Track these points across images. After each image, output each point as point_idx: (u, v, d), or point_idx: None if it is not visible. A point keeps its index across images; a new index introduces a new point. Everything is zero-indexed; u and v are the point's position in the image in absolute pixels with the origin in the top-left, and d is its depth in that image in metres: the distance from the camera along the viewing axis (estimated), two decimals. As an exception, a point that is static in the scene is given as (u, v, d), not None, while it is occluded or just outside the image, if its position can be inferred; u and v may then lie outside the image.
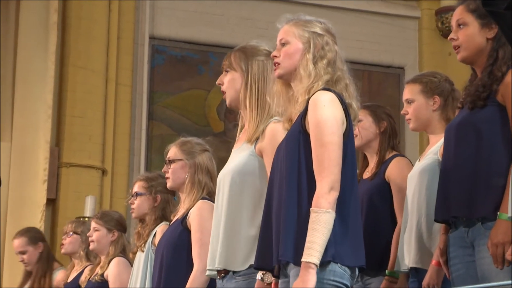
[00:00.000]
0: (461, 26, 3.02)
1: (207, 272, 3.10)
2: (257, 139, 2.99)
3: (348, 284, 2.53)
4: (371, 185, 3.76)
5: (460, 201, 2.92)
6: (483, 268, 2.84)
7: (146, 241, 4.16)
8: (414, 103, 3.57)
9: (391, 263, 3.61)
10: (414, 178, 3.47)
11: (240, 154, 3.04)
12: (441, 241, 3.14)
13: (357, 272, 2.57)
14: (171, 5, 7.38)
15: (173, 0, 7.39)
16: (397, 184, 3.71)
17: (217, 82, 3.16)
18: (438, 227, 3.25)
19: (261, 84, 3.04)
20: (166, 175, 3.84)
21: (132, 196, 4.35)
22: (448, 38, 3.09)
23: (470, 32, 3.00)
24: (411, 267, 3.44)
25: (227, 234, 2.95)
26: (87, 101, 6.87)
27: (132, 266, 4.38)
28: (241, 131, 3.13)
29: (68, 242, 5.42)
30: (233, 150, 3.13)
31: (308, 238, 2.46)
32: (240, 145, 3.07)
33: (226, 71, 3.12)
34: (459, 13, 3.04)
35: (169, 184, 3.84)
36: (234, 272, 2.95)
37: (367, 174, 3.85)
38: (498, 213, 2.77)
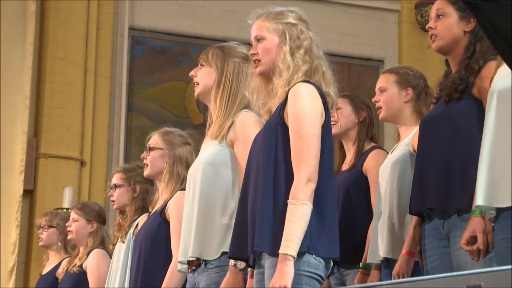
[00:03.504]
0: (440, 16, 3.05)
1: (179, 267, 3.11)
2: (226, 133, 3.01)
3: (323, 275, 2.53)
4: (349, 177, 3.76)
5: (436, 193, 2.94)
6: (459, 259, 2.86)
7: (127, 232, 4.15)
8: (387, 92, 3.59)
9: (365, 256, 3.61)
10: (387, 170, 3.48)
11: (208, 148, 3.07)
12: (414, 234, 3.15)
13: (331, 264, 2.58)
14: (151, -4, 7.35)
15: (153, -9, 7.35)
16: (374, 177, 3.70)
17: (190, 74, 3.20)
18: (410, 218, 3.27)
19: (234, 85, 3.07)
20: (144, 161, 3.84)
21: (111, 188, 4.35)
22: (426, 27, 3.12)
23: (448, 23, 3.03)
24: (383, 258, 3.46)
25: (200, 224, 2.97)
26: (66, 92, 6.82)
27: (111, 258, 4.37)
28: (210, 127, 3.16)
29: (45, 237, 5.40)
30: (202, 145, 3.16)
31: (285, 230, 2.46)
32: (206, 141, 3.11)
33: (202, 65, 3.16)
34: (439, 4, 3.07)
35: (146, 171, 3.84)
36: (206, 264, 2.97)
37: (345, 166, 3.85)
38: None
